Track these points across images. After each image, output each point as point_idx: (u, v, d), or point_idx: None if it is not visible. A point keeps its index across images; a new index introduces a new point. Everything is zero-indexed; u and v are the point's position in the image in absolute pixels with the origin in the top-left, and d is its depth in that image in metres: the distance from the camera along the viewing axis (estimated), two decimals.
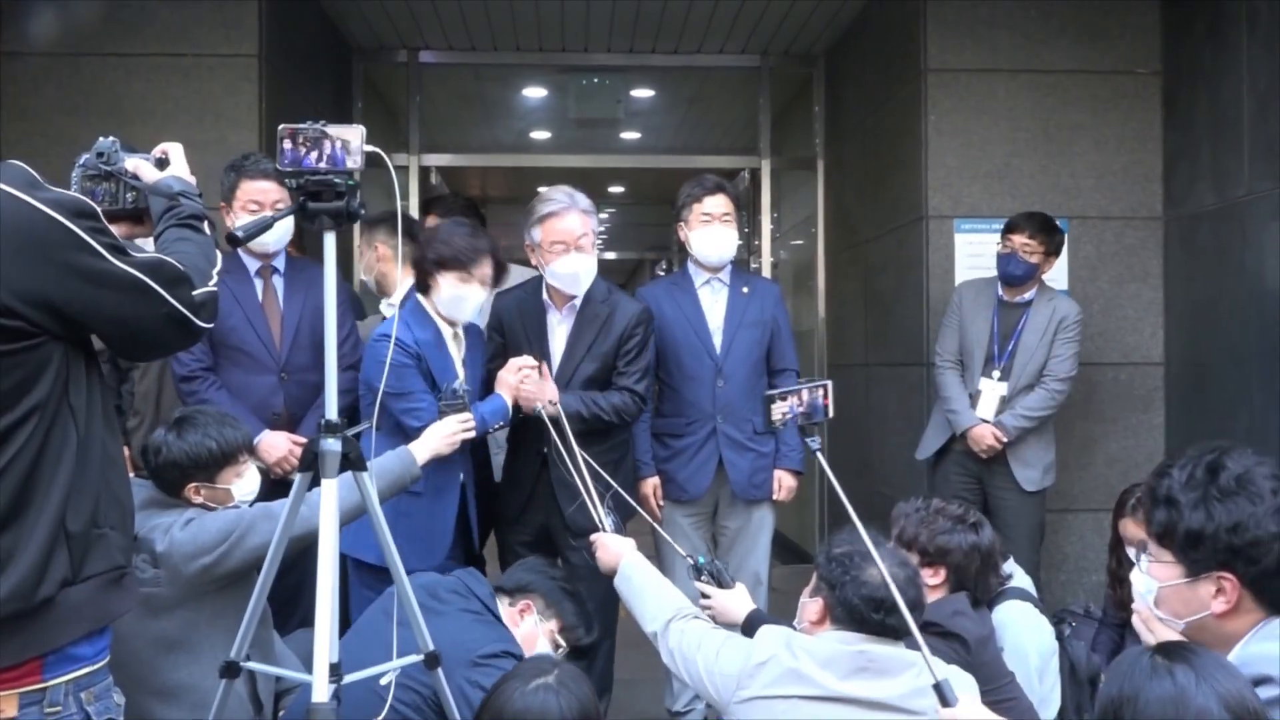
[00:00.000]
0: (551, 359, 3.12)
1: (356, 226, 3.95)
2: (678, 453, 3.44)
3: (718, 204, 3.43)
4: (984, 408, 3.72)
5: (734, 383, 3.43)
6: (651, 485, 3.43)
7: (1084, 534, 4.24)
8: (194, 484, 2.37)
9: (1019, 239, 3.71)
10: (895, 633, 1.92)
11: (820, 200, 5.75)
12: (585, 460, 2.59)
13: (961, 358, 3.82)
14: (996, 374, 3.73)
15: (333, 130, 1.92)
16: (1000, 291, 3.81)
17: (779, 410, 2.21)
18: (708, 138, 7.38)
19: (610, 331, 3.12)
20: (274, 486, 2.87)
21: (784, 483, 3.49)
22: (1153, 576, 1.66)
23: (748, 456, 3.44)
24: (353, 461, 1.95)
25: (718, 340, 3.46)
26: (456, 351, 2.97)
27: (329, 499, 1.91)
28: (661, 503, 3.44)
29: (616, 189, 9.49)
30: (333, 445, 1.92)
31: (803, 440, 2.30)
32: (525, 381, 2.93)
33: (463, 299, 2.88)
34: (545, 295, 3.15)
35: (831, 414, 2.30)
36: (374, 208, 3.10)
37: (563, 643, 2.43)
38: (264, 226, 2.02)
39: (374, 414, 2.63)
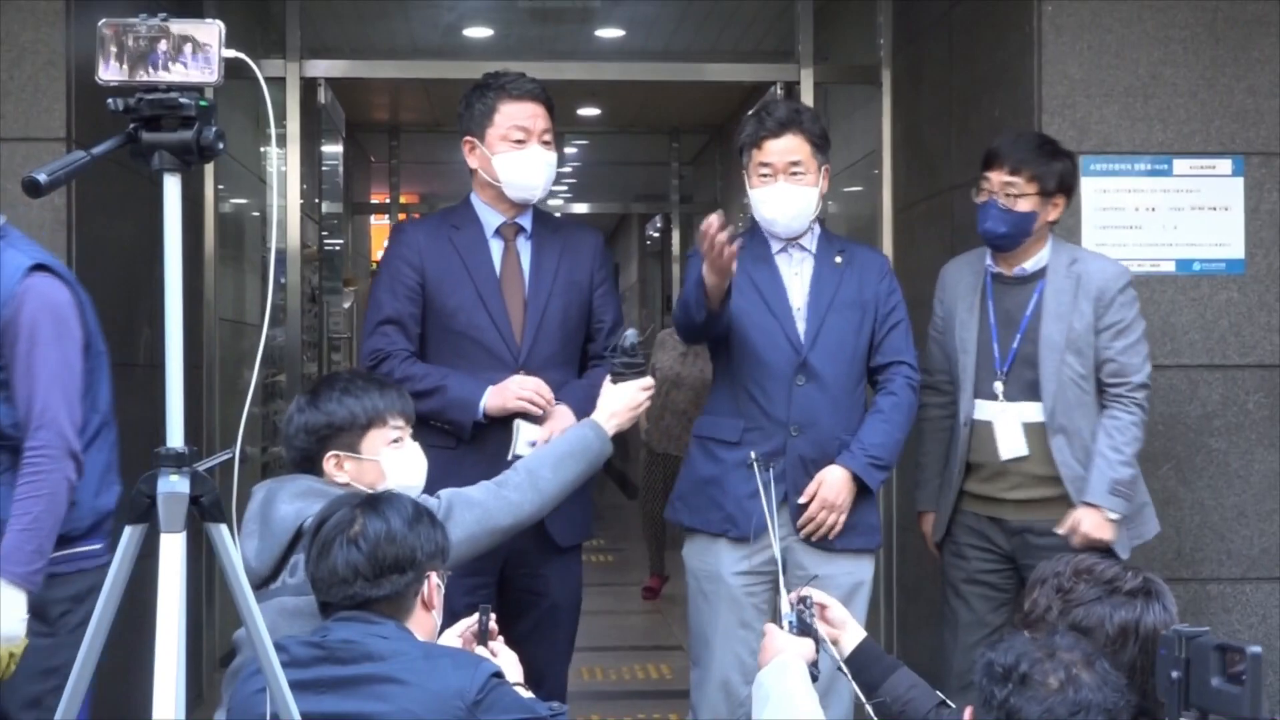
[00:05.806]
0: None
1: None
2: (729, 469, 3.48)
3: (784, 150, 3.47)
4: (1007, 445, 3.55)
5: (820, 383, 3.50)
6: None
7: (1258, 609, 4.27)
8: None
9: (997, 176, 3.54)
10: None
11: (886, 128, 5.77)
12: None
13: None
14: (1000, 386, 3.57)
15: (177, 27, 1.93)
16: (990, 261, 3.68)
17: None
18: (722, 36, 7.39)
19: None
20: None
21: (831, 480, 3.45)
22: None
23: None
24: (206, 510, 1.96)
25: (801, 325, 3.53)
26: None
27: (171, 564, 1.92)
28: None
29: (589, 111, 9.48)
30: (176, 486, 1.93)
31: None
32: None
33: None
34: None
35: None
36: (235, 135, 3.11)
37: None
38: (77, 168, 2.03)
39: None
